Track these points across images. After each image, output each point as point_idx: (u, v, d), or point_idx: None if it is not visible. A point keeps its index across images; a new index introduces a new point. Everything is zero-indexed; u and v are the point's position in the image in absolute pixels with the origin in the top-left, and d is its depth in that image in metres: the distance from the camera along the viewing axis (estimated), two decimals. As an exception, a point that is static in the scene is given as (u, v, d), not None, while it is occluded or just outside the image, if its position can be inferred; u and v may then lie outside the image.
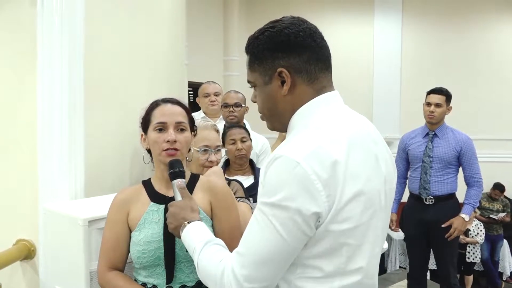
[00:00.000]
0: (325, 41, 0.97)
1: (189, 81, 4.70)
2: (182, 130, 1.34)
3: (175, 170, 1.24)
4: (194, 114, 3.22)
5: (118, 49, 2.05)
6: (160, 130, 1.31)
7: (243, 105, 2.70)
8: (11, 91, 1.89)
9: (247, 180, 2.09)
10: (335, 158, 0.84)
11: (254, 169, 2.18)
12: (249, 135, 2.21)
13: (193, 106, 3.22)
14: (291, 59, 0.93)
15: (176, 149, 1.30)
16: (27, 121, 1.83)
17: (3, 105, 1.90)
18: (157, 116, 1.33)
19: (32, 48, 1.78)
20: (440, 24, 6.43)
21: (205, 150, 1.69)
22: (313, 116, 0.93)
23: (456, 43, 6.40)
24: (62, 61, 1.76)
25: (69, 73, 1.77)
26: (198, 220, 1.11)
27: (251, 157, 2.26)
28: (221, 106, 2.75)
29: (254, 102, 1.03)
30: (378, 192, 0.93)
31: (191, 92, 5.04)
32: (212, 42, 6.02)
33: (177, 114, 1.34)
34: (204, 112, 3.03)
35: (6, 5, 1.85)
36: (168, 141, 1.29)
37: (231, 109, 2.65)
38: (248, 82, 1.01)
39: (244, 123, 2.76)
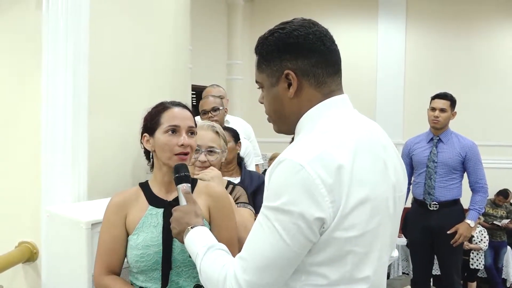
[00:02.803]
0: (336, 45, 0.96)
1: (192, 85, 4.71)
2: (192, 134, 1.34)
3: (180, 174, 1.22)
4: (198, 117, 3.23)
5: (122, 53, 2.06)
6: (173, 132, 1.30)
7: (220, 107, 2.74)
8: (15, 93, 1.89)
9: (234, 181, 2.10)
10: (340, 163, 0.83)
11: (241, 170, 2.19)
12: (237, 137, 2.23)
13: (197, 109, 3.23)
14: (298, 61, 0.92)
15: (187, 153, 1.30)
16: (30, 124, 1.84)
17: (7, 108, 1.90)
18: (169, 119, 1.31)
19: (36, 51, 1.79)
20: (444, 30, 6.42)
21: (195, 150, 1.68)
22: (320, 120, 0.91)
23: (460, 48, 6.38)
24: (66, 65, 1.76)
25: (73, 76, 1.77)
26: (202, 225, 1.10)
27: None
28: (200, 113, 2.78)
29: (261, 103, 1.02)
30: (386, 199, 0.91)
31: (194, 96, 5.05)
32: (215, 45, 6.03)
33: (188, 118, 1.34)
34: (208, 115, 3.04)
35: (11, 7, 1.86)
36: (182, 144, 1.28)
37: (209, 114, 2.69)
38: (256, 82, 1.00)
39: (228, 120, 2.81)
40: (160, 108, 1.35)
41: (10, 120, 1.89)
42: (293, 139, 1.00)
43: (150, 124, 1.34)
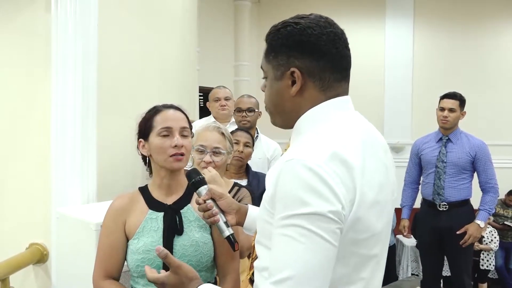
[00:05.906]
0: (348, 49, 0.92)
1: (200, 86, 4.72)
2: (185, 136, 1.33)
3: (195, 179, 1.18)
4: (204, 119, 3.23)
5: (130, 54, 2.07)
6: (165, 135, 1.29)
7: (256, 110, 2.71)
8: (25, 95, 1.91)
9: (241, 183, 2.12)
10: (353, 164, 0.80)
11: (248, 172, 2.21)
12: (253, 143, 2.24)
13: (204, 111, 3.23)
14: (306, 61, 0.87)
15: (182, 154, 1.29)
16: (40, 126, 1.85)
17: (17, 110, 1.92)
18: (161, 122, 1.31)
19: (46, 53, 1.81)
20: (452, 30, 6.37)
21: (200, 150, 1.66)
22: (324, 121, 0.88)
23: (468, 48, 6.32)
24: (75, 66, 1.78)
25: (82, 78, 1.79)
26: (202, 283, 0.97)
27: (262, 162, 2.27)
28: (234, 110, 2.77)
29: (263, 91, 0.98)
30: (390, 202, 0.90)
31: (202, 97, 5.07)
32: (223, 47, 6.04)
33: (181, 119, 1.34)
34: (214, 117, 3.04)
35: (21, 10, 1.88)
36: (175, 145, 1.27)
37: (244, 114, 2.67)
38: (261, 68, 0.97)
39: (256, 128, 2.77)
40: (153, 112, 1.35)
41: (20, 122, 1.91)
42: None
43: (144, 129, 1.34)
